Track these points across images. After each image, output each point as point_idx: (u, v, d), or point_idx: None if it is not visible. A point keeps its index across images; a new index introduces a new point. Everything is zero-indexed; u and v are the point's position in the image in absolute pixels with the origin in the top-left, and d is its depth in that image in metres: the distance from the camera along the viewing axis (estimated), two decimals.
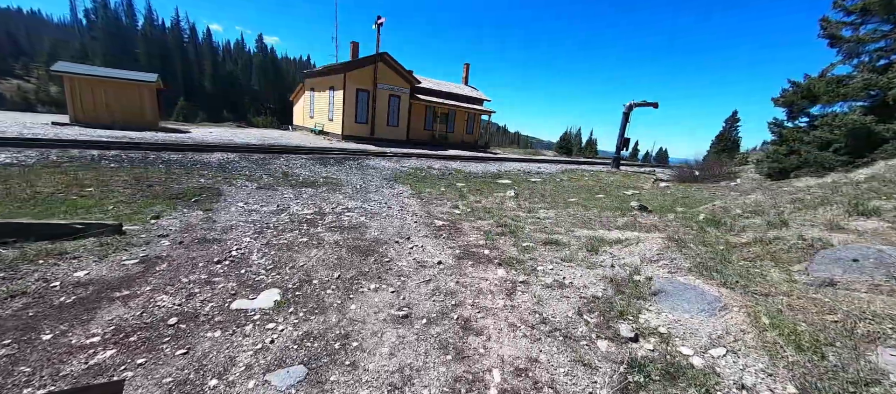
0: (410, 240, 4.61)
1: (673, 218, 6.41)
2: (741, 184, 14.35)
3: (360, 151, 14.75)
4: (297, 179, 8.18)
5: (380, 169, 11.00)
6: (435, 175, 11.12)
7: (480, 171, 13.41)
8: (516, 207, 7.43)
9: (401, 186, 8.79)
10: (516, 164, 17.65)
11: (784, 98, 15.36)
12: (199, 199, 5.86)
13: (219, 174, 7.76)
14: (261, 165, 9.39)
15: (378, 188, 8.17)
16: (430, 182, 9.72)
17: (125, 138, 11.66)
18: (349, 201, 6.62)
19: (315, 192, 7.13)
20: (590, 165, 22.67)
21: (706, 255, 3.87)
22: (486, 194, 8.74)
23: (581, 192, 10.89)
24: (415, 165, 12.64)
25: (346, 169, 10.26)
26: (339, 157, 12.58)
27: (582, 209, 7.62)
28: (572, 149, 48.87)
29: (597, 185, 13.19)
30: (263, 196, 6.41)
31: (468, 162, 15.84)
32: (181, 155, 9.37)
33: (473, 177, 11.70)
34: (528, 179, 12.62)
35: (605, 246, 4.56)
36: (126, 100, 18.10)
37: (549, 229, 5.58)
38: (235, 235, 4.32)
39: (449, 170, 12.60)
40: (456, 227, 5.48)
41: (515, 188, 10.13)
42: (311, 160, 11.09)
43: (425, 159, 14.81)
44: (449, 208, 6.82)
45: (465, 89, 30.01)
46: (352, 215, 5.62)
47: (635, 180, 16.06)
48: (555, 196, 9.52)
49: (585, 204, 8.34)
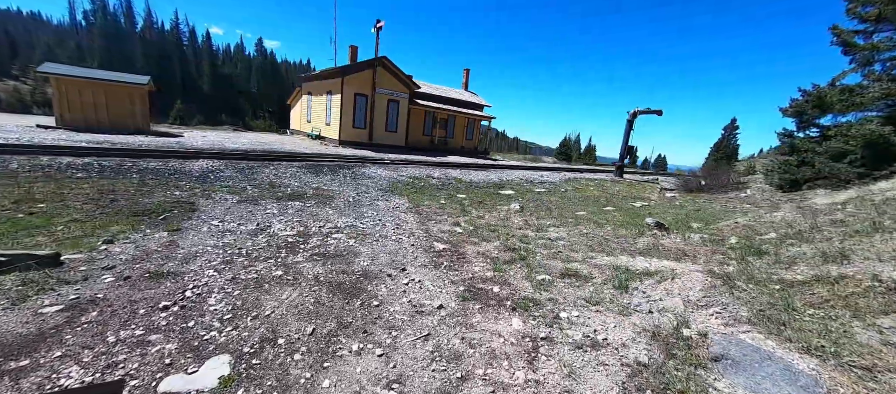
0: (405, 271, 3.89)
1: (699, 240, 5.71)
2: (752, 195, 13.71)
3: (355, 158, 14.04)
4: (285, 190, 7.46)
5: (376, 178, 10.29)
6: (434, 185, 10.42)
7: (482, 180, 12.72)
8: (523, 224, 6.72)
9: (398, 198, 8.08)
10: (518, 172, 16.97)
11: (793, 107, 14.75)
12: (169, 216, 5.13)
13: (198, 185, 7.02)
14: (247, 174, 8.66)
15: (373, 201, 7.45)
16: (430, 193, 9.01)
17: (106, 143, 10.92)
18: (340, 218, 5.90)
19: (303, 206, 6.41)
20: (592, 172, 22.02)
21: (764, 299, 3.16)
22: (489, 208, 8.04)
23: (588, 204, 10.20)
24: (413, 174, 11.94)
25: (339, 179, 9.54)
26: (333, 164, 11.87)
27: (594, 227, 6.92)
28: (572, 155, 48.34)
29: (603, 195, 12.51)
30: (243, 212, 5.68)
31: (469, 170, 15.15)
32: (162, 162, 8.64)
33: (475, 187, 11.00)
34: (531, 189, 11.93)
35: (634, 280, 3.85)
36: (116, 102, 17.36)
37: (563, 255, 4.87)
38: (197, 267, 3.59)
39: (449, 179, 11.90)
40: (458, 251, 4.76)
41: (520, 200, 9.43)
42: (302, 169, 10.37)
43: (424, 167, 14.12)
44: (450, 226, 6.11)
45: (465, 94, 29.40)
46: (340, 238, 4.89)
47: (641, 190, 15.40)
48: (562, 210, 8.82)
49: (597, 220, 7.64)
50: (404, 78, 22.71)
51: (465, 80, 30.72)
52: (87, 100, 16.81)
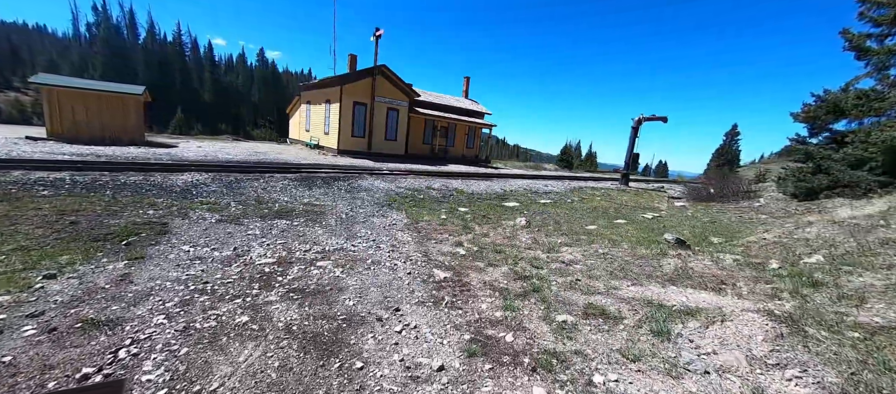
0: (399, 312, 3.22)
1: (732, 263, 5.04)
2: (766, 205, 13.02)
3: (353, 169, 13.42)
4: (272, 207, 6.81)
5: (373, 191, 9.65)
6: (434, 197, 9.77)
7: (484, 190, 12.07)
8: (532, 243, 6.06)
9: (395, 213, 7.43)
10: (521, 181, 16.32)
11: (806, 113, 14.13)
12: (134, 241, 4.48)
13: (177, 202, 6.38)
14: (234, 188, 8.03)
15: (367, 218, 6.80)
16: (430, 207, 8.36)
17: (90, 156, 10.32)
18: (329, 239, 5.25)
19: (289, 225, 5.76)
20: (596, 180, 21.36)
21: (849, 354, 2.49)
22: (493, 223, 7.38)
23: (598, 216, 9.54)
24: (412, 185, 11.30)
25: (333, 192, 8.90)
26: (328, 176, 11.24)
27: (609, 245, 6.25)
28: (573, 162, 47.71)
29: (611, 206, 11.84)
30: (221, 234, 5.03)
31: (470, 180, 14.51)
32: (143, 176, 8.01)
33: (477, 198, 10.35)
34: (536, 200, 11.27)
35: (674, 322, 3.18)
36: (109, 113, 16.83)
37: (582, 284, 4.20)
38: (147, 310, 2.93)
39: (450, 190, 11.26)
40: (462, 281, 4.09)
41: (525, 213, 8.77)
42: (295, 181, 9.73)
43: (424, 178, 13.49)
44: (451, 246, 5.45)
45: (466, 102, 28.90)
46: (325, 266, 4.23)
47: (649, 200, 14.73)
48: (571, 224, 8.16)
49: (610, 236, 6.97)
50: (404, 86, 22.21)
51: (466, 88, 30.25)
52: (79, 111, 16.28)
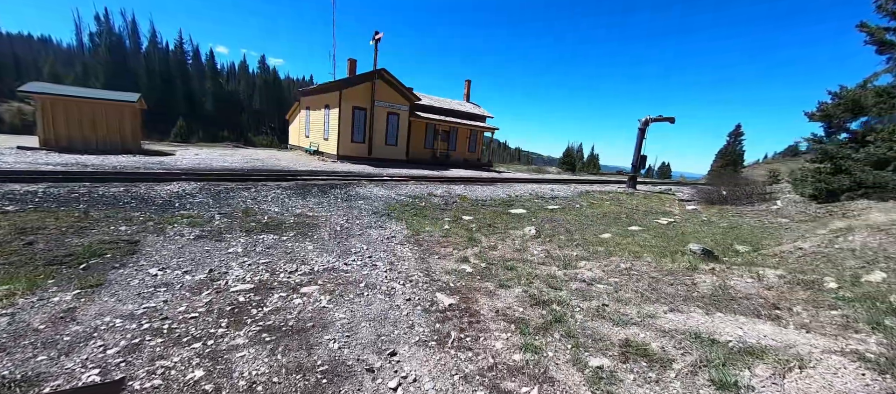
0: (395, 357, 2.60)
1: (778, 280, 4.39)
2: (784, 208, 12.33)
3: (352, 175, 12.83)
4: (260, 219, 6.21)
5: (371, 199, 9.05)
6: (437, 204, 9.16)
7: (488, 196, 11.45)
8: (545, 257, 5.43)
9: (395, 224, 6.82)
10: (525, 186, 15.70)
11: (822, 111, 13.46)
12: (95, 263, 3.89)
13: (155, 216, 5.80)
14: (222, 198, 7.44)
15: (364, 230, 6.19)
16: (432, 216, 7.75)
17: (76, 165, 9.78)
18: (319, 257, 4.64)
19: (276, 241, 5.16)
20: (602, 184, 20.70)
21: None
22: (500, 233, 6.76)
23: (610, 223, 8.90)
24: (413, 192, 10.70)
25: (329, 201, 8.30)
26: (325, 183, 10.65)
27: (631, 257, 5.62)
28: (575, 165, 47.10)
29: (622, 211, 11.20)
30: (198, 252, 4.43)
31: (473, 185, 13.90)
32: (125, 187, 7.44)
33: (482, 205, 9.73)
34: (543, 206, 10.64)
35: (736, 366, 2.54)
36: (103, 121, 16.34)
37: (611, 310, 3.57)
38: (79, 362, 2.33)
39: (453, 197, 10.65)
40: (470, 309, 3.48)
41: (534, 221, 8.15)
42: (289, 190, 9.15)
43: (426, 184, 12.88)
44: (456, 263, 4.83)
45: (467, 106, 28.36)
46: (311, 293, 3.62)
47: (659, 203, 14.07)
48: (583, 232, 7.52)
49: (630, 247, 6.34)
50: (404, 90, 21.69)
51: (467, 92, 29.72)
52: (72, 119, 15.81)
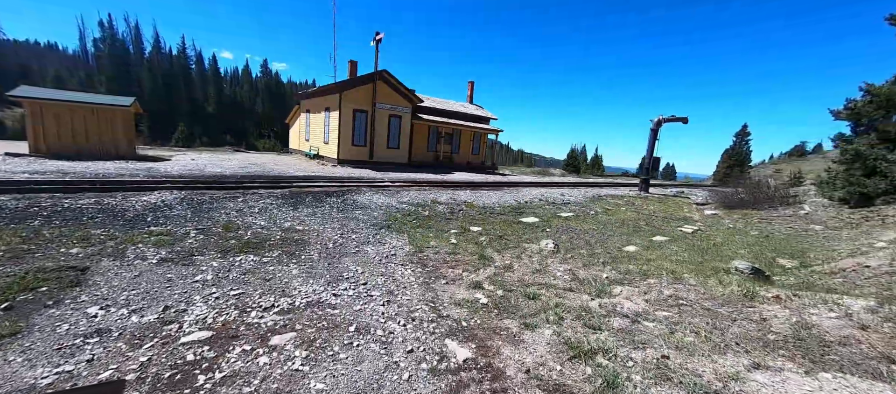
0: None
1: (870, 315, 3.52)
2: (814, 213, 11.40)
3: (351, 180, 12.04)
4: (242, 236, 5.40)
5: (370, 208, 8.23)
6: (442, 213, 8.33)
7: (496, 202, 10.61)
8: (570, 279, 4.59)
9: (395, 238, 5.99)
10: (533, 190, 14.84)
11: (850, 109, 12.53)
12: (23, 300, 3.09)
13: (119, 233, 5.00)
14: (203, 210, 6.64)
15: (360, 246, 5.37)
16: (437, 227, 6.92)
17: (55, 173, 9.04)
18: (303, 287, 3.82)
19: (256, 264, 4.34)
20: (612, 186, 19.81)
21: None
22: (514, 247, 5.92)
23: (631, 232, 8.04)
24: (416, 199, 9.88)
25: (323, 211, 7.49)
26: (321, 190, 9.86)
27: (670, 279, 4.76)
28: (580, 166, 46.13)
29: (640, 218, 10.32)
30: (156, 282, 3.62)
31: (480, 190, 13.07)
32: (96, 199, 6.65)
33: (490, 213, 8.88)
34: (556, 213, 9.78)
35: None
36: (96, 127, 15.66)
37: (676, 366, 2.72)
38: None
39: (459, 204, 9.82)
40: (492, 367, 2.64)
41: (548, 231, 7.30)
42: (281, 198, 8.35)
43: (429, 190, 12.06)
44: (468, 290, 4.00)
45: (470, 108, 27.55)
46: (281, 346, 2.79)
47: (676, 208, 13.18)
48: (605, 244, 6.67)
49: (662, 263, 5.48)
50: (406, 92, 20.91)
51: (470, 93, 28.92)
52: (64, 124, 15.15)
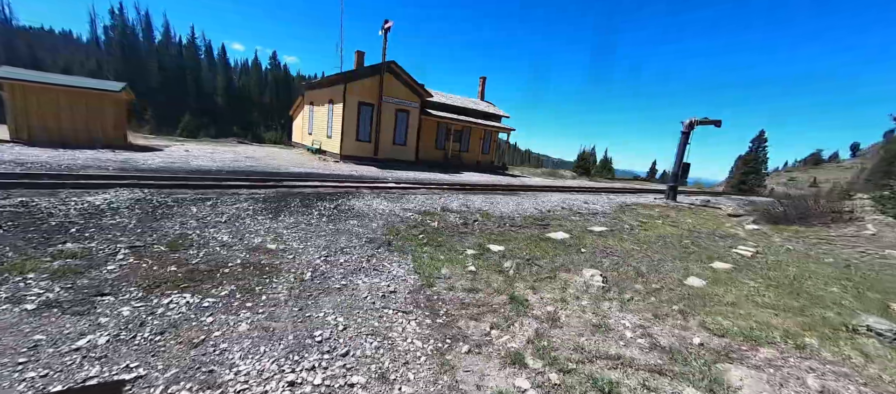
0: None
1: None
2: (881, 234, 9.70)
3: (351, 180, 10.57)
4: (189, 260, 3.94)
5: (369, 216, 6.75)
6: (454, 225, 6.83)
7: (515, 211, 9.08)
8: (647, 345, 3.06)
9: (396, 262, 4.50)
10: (552, 196, 13.27)
11: None
12: None
13: (10, 254, 3.58)
14: (156, 217, 5.20)
15: (348, 277, 3.89)
16: (449, 246, 5.41)
17: (10, 163, 7.68)
18: (245, 362, 2.35)
19: (190, 310, 2.88)
20: (634, 193, 18.15)
21: None
22: (551, 280, 4.40)
23: (681, 255, 6.47)
24: (424, 205, 8.38)
25: (308, 222, 6.02)
26: (314, 192, 8.41)
27: (788, 344, 3.23)
28: (590, 169, 44.35)
29: (681, 233, 8.73)
30: (6, 351, 2.18)
31: (495, 195, 11.53)
32: (28, 199, 5.25)
33: (511, 225, 7.36)
34: (586, 227, 8.23)
35: None
36: (83, 113, 14.34)
37: None
38: None
39: (472, 211, 8.31)
40: None
41: (586, 254, 5.76)
42: (262, 202, 6.89)
43: (438, 193, 10.56)
44: (503, 371, 2.50)
45: (481, 104, 25.94)
46: None
47: (715, 221, 11.53)
48: (662, 276, 5.12)
49: (759, 314, 3.94)
50: (415, 85, 19.38)
51: (481, 90, 27.29)
52: (47, 109, 13.84)
